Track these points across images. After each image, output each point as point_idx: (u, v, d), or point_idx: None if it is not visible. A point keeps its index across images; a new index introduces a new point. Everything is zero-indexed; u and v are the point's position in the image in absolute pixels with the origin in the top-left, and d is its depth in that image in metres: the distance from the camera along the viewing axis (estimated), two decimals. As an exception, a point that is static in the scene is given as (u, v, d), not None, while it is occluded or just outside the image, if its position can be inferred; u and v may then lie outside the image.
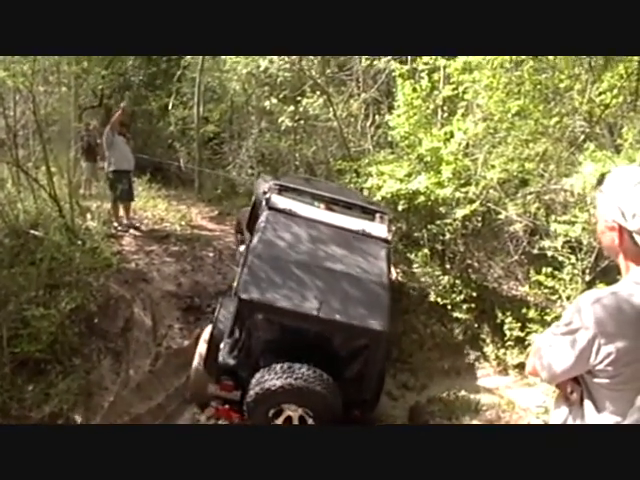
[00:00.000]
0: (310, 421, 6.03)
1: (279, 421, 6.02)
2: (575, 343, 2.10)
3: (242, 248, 9.39)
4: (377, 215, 7.97)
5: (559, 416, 2.31)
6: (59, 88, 10.10)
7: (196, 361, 6.95)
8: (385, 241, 7.43)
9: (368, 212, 8.06)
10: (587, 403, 2.18)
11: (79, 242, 8.47)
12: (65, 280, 7.63)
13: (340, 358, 6.23)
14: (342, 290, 6.44)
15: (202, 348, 6.93)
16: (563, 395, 2.29)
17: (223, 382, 6.16)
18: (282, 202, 7.42)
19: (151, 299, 8.49)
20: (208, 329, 7.11)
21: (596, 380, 2.13)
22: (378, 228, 7.60)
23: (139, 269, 9.03)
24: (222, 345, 6.26)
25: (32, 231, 7.92)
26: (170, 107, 14.88)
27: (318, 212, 7.58)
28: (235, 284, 7.98)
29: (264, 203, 7.34)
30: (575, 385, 2.21)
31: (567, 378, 2.22)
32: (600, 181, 2.21)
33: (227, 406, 6.21)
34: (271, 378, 5.79)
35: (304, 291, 6.29)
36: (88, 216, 9.60)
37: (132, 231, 10.28)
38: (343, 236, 7.24)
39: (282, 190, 7.76)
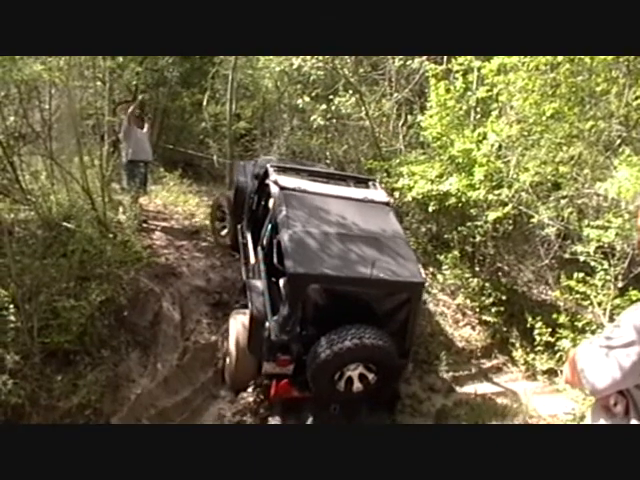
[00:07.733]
0: (370, 377, 6.42)
1: (341, 384, 6.34)
2: (626, 358, 2.05)
3: (224, 232, 9.65)
4: (370, 183, 8.43)
5: None
6: (94, 83, 10.17)
7: (234, 347, 7.02)
8: (387, 204, 7.84)
9: (361, 182, 8.52)
10: (633, 417, 2.11)
11: (110, 235, 8.50)
12: (96, 272, 7.67)
13: (385, 314, 6.59)
14: (375, 251, 6.75)
15: (237, 334, 7.00)
16: (603, 406, 2.21)
17: (280, 358, 6.37)
18: (288, 181, 7.71)
19: (180, 294, 8.53)
20: (238, 317, 7.19)
21: None
22: (377, 194, 8.03)
23: (169, 264, 9.07)
24: (267, 324, 6.45)
25: (65, 223, 7.97)
26: (203, 103, 14.95)
27: (321, 186, 7.90)
28: (243, 268, 8.40)
29: (273, 185, 7.59)
30: (619, 397, 2.15)
31: (614, 391, 2.16)
32: None
33: (286, 380, 6.45)
34: (336, 342, 6.07)
35: (345, 257, 6.60)
36: (120, 209, 9.64)
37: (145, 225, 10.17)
38: (352, 205, 7.63)
39: (280, 170, 8.12)
